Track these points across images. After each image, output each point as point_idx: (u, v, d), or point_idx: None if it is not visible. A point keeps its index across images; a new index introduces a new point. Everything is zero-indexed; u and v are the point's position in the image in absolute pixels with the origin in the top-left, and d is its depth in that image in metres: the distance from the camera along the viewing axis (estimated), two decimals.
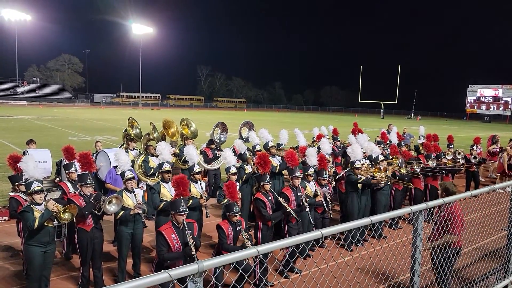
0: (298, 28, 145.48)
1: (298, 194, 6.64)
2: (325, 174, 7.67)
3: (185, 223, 5.08)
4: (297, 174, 6.84)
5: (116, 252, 6.87)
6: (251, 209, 8.14)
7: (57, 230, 6.66)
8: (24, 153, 8.64)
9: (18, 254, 6.77)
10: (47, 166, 8.55)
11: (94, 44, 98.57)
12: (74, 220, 5.51)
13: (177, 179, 5.55)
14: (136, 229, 6.10)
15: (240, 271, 3.19)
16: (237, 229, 5.55)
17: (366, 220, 3.03)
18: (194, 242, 4.98)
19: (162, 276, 1.61)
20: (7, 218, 8.34)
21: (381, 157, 8.96)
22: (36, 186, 5.15)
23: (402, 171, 8.90)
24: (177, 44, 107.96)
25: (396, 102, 72.34)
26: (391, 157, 9.66)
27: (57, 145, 15.26)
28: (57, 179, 8.68)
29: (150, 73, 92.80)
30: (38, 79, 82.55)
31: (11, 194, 6.34)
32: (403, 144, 12.14)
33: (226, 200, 6.82)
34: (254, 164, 7.90)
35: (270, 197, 6.44)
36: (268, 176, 6.70)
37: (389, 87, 74.97)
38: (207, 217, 6.87)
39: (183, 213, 5.13)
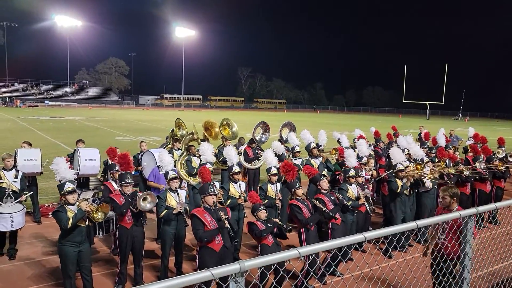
0: (340, 28, 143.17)
1: (332, 197, 6.53)
2: (360, 173, 7.50)
3: (216, 205, 5.37)
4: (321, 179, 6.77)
5: (159, 250, 7.06)
6: None
7: (105, 225, 7.00)
8: (74, 152, 9.12)
9: None
10: (95, 164, 8.93)
11: (140, 48, 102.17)
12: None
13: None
14: (179, 228, 6.23)
15: (281, 272, 3.17)
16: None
17: (411, 225, 2.91)
18: (227, 217, 5.22)
19: (204, 274, 1.62)
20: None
21: (426, 159, 8.63)
22: (68, 187, 5.28)
23: (450, 171, 8.51)
24: (218, 46, 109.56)
25: (443, 103, 69.42)
26: (437, 160, 9.27)
27: (105, 144, 15.89)
28: (103, 178, 9.08)
29: (192, 75, 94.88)
30: (87, 82, 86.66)
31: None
32: (450, 147, 11.63)
33: (266, 201, 6.84)
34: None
35: (306, 202, 6.32)
36: (298, 182, 6.55)
37: (435, 87, 72.14)
38: (244, 217, 6.92)
39: (212, 194, 5.35)
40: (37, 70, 79.48)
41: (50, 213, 8.85)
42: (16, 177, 7.09)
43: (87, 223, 5.36)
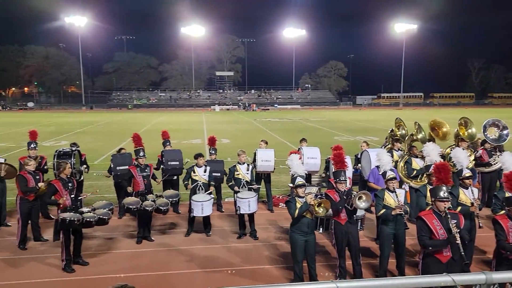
0: None
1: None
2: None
3: (447, 212, 4.86)
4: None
5: (378, 250, 7.02)
6: None
7: (326, 222, 7.43)
8: (298, 150, 10.01)
9: None
10: (316, 162, 9.59)
11: (357, 49, 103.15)
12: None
13: (438, 165, 5.37)
14: (398, 229, 6.06)
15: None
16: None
17: None
18: (459, 231, 4.70)
19: (444, 279, 1.54)
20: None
21: None
22: (299, 181, 5.97)
23: None
24: (442, 39, 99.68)
25: None
26: None
27: (325, 144, 16.82)
28: (324, 174, 9.65)
29: (412, 72, 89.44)
30: (309, 85, 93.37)
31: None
32: None
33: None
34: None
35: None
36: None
37: None
38: (479, 227, 6.09)
39: (444, 200, 4.89)
40: (269, 78, 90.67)
41: (281, 204, 10.03)
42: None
43: (313, 216, 5.84)
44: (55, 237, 6.56)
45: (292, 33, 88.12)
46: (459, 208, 6.01)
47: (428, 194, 6.09)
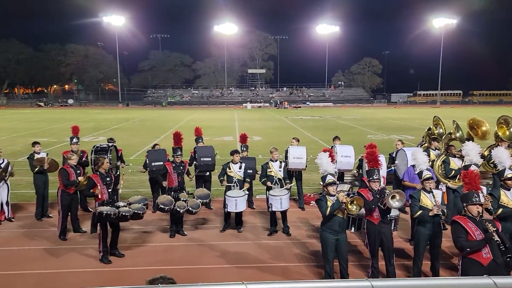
0: None
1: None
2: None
3: (481, 215, 4.81)
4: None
5: (411, 251, 6.85)
6: None
7: (358, 222, 7.32)
8: (332, 148, 9.89)
9: None
10: (350, 161, 9.45)
11: (393, 45, 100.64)
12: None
13: (465, 174, 5.24)
14: (435, 231, 5.89)
15: None
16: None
17: None
18: (495, 230, 4.60)
19: (484, 281, 1.49)
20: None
21: None
22: (329, 179, 5.90)
23: None
24: (483, 35, 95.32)
25: None
26: None
27: (358, 142, 16.55)
28: (357, 173, 9.49)
29: (450, 69, 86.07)
30: (342, 83, 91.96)
31: None
32: None
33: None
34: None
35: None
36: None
37: None
38: None
39: (476, 203, 4.81)
40: (301, 75, 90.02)
41: (312, 202, 9.96)
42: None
43: (344, 215, 5.78)
44: (93, 229, 6.83)
45: (325, 29, 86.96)
46: (500, 210, 5.77)
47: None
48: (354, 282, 1.66)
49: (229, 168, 8.30)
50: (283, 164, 8.54)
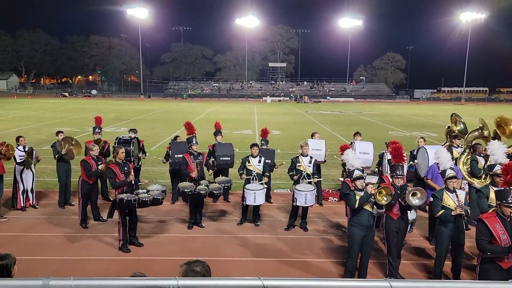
0: None
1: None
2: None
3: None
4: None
5: (431, 250, 6.73)
6: None
7: (377, 219, 7.22)
8: (351, 144, 9.76)
9: (344, 232, 7.75)
10: (368, 158, 9.30)
11: (417, 40, 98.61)
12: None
13: (507, 166, 4.95)
14: (457, 231, 5.75)
15: None
16: None
17: None
18: None
19: (508, 286, 1.43)
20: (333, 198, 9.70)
21: None
22: (357, 173, 5.88)
23: None
24: (511, 30, 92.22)
25: None
26: None
27: (379, 138, 16.32)
28: (377, 170, 9.34)
29: (476, 66, 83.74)
30: (364, 78, 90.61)
31: None
32: None
33: None
34: None
35: None
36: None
37: None
38: None
39: (510, 205, 4.49)
40: (322, 69, 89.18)
41: (330, 197, 9.88)
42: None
43: (374, 211, 5.74)
44: (109, 215, 7.09)
45: (348, 23, 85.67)
46: None
47: (492, 195, 5.70)
48: (373, 282, 1.63)
49: (248, 162, 8.30)
50: (313, 159, 8.44)
